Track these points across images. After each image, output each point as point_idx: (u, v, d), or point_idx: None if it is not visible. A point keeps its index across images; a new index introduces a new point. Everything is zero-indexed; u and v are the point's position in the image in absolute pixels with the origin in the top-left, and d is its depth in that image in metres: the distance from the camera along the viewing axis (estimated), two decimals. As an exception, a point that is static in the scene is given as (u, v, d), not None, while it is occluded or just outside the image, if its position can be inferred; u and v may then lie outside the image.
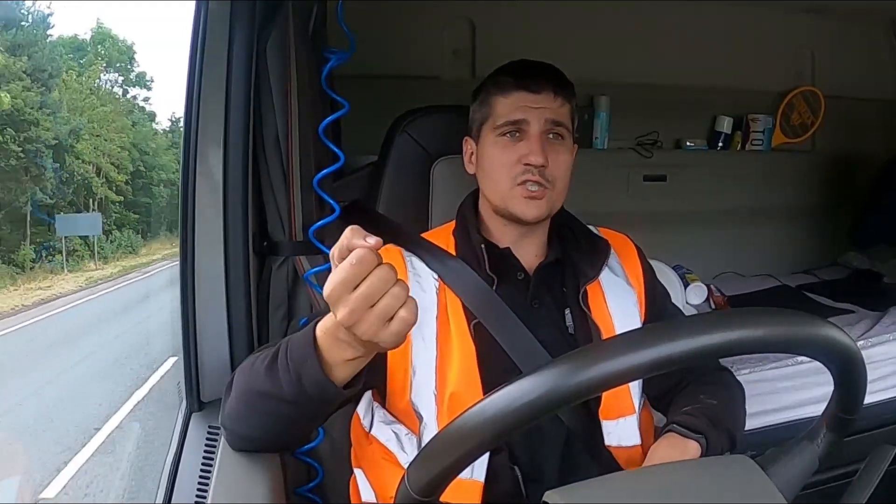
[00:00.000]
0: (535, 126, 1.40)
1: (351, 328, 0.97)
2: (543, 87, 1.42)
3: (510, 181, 1.40)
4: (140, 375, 8.85)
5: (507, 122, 1.42)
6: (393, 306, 0.95)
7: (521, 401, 0.76)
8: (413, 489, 0.82)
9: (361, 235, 0.95)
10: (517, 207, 1.40)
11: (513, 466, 1.33)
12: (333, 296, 0.96)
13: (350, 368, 1.09)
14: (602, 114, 2.93)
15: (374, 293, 0.94)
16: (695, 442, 1.30)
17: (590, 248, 1.50)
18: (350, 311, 0.95)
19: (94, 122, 19.48)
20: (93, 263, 17.24)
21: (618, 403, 1.39)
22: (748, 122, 3.19)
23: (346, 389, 1.11)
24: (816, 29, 3.14)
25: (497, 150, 1.43)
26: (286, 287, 1.71)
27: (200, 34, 1.47)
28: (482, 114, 1.48)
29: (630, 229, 1.61)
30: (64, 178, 17.32)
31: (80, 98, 19.31)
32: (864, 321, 2.45)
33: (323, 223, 1.67)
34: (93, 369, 9.51)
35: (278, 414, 1.17)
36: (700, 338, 0.76)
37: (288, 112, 1.62)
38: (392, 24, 2.51)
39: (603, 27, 2.81)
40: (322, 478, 1.70)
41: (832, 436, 0.97)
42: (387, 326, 0.96)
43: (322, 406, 1.14)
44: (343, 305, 0.95)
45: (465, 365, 1.32)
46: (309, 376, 1.09)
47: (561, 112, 1.43)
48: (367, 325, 0.96)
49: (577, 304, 1.43)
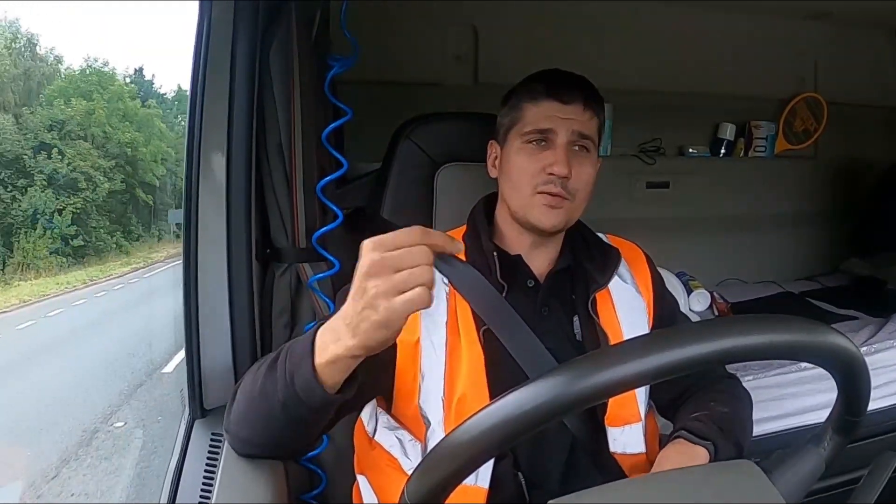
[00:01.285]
0: (562, 136, 1.40)
1: (366, 278, 0.99)
2: (574, 98, 1.42)
3: (531, 189, 1.40)
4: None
5: (534, 129, 1.42)
6: (416, 276, 0.99)
7: (524, 409, 0.76)
8: (414, 499, 0.82)
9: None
10: (535, 215, 1.40)
11: (517, 473, 1.33)
12: (372, 244, 1.01)
13: (334, 372, 1.09)
14: (605, 121, 2.92)
15: (406, 257, 0.99)
16: (703, 448, 1.29)
17: (600, 256, 1.50)
18: (378, 259, 0.99)
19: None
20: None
21: (623, 411, 1.38)
22: (751, 129, 3.19)
23: (336, 395, 1.11)
24: (819, 36, 3.14)
25: (522, 157, 1.43)
26: (289, 294, 1.71)
27: (204, 40, 1.47)
28: (511, 119, 1.47)
29: (633, 236, 1.61)
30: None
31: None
32: (868, 328, 2.45)
33: (326, 230, 1.67)
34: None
35: (272, 417, 1.17)
36: (704, 344, 0.76)
37: (291, 118, 1.62)
38: (395, 30, 2.51)
39: (605, 34, 2.81)
40: (325, 484, 1.70)
41: (838, 439, 0.97)
42: (392, 298, 0.99)
43: (310, 412, 1.13)
44: (374, 254, 0.99)
45: (473, 371, 1.31)
46: (300, 376, 1.10)
47: (589, 125, 1.43)
48: (381, 282, 0.98)
49: (586, 311, 1.43)
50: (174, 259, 15.00)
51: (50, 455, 6.26)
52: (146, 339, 9.96)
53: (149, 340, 9.84)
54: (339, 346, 1.06)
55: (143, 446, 6.56)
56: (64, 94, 16.07)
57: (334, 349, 1.06)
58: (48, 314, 12.18)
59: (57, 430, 6.85)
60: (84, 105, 15.85)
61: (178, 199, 18.85)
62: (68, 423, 7.04)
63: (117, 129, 16.38)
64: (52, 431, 6.83)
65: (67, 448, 6.47)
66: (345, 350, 1.05)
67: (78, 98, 15.97)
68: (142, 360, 9.37)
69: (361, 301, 1.01)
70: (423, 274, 0.99)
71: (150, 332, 10.30)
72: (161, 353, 9.27)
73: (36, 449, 6.39)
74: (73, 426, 6.99)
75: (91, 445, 6.59)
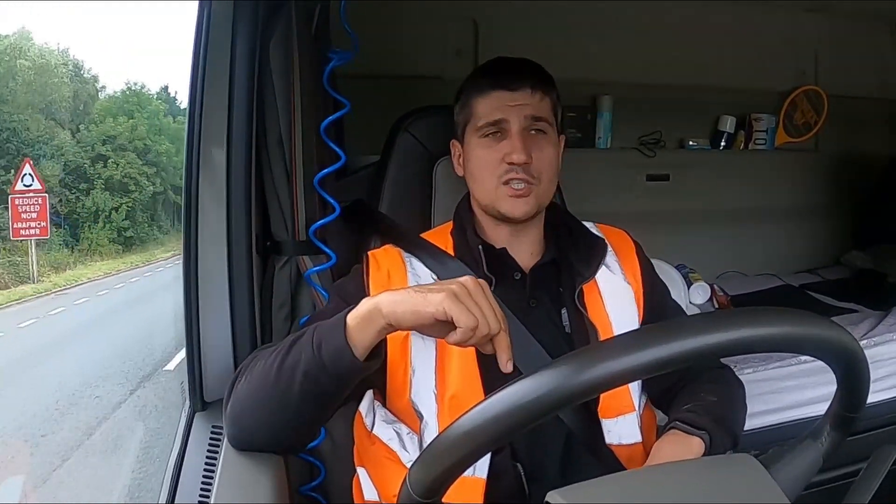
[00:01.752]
0: (516, 124, 1.41)
1: (448, 296, 1.07)
2: (520, 84, 1.42)
3: (495, 180, 1.41)
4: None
5: (487, 122, 1.42)
6: (488, 326, 1.09)
7: (521, 403, 0.76)
8: (415, 491, 0.82)
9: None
10: (504, 206, 1.41)
11: (515, 464, 1.33)
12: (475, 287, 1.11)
13: (369, 332, 1.12)
14: (605, 114, 2.93)
15: (484, 315, 1.09)
16: (698, 438, 1.29)
17: (586, 247, 1.49)
18: (462, 302, 1.08)
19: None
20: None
21: (616, 402, 1.38)
22: (751, 122, 3.19)
23: (363, 362, 1.13)
24: (820, 28, 3.14)
25: (480, 150, 1.44)
26: (289, 287, 1.71)
27: (203, 34, 1.47)
28: (464, 116, 1.48)
29: (633, 229, 1.61)
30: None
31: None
32: (868, 320, 2.46)
33: (323, 222, 1.67)
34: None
35: (286, 393, 1.17)
36: (702, 337, 0.76)
37: (291, 112, 1.62)
38: (395, 23, 2.51)
39: (606, 27, 2.81)
40: (325, 477, 1.71)
41: (836, 434, 0.97)
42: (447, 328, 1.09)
43: (332, 382, 1.14)
44: (467, 298, 1.09)
45: (464, 365, 1.32)
46: (329, 343, 1.12)
47: (541, 107, 1.43)
48: (473, 305, 1.08)
49: (574, 303, 1.43)
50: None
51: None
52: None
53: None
54: (375, 331, 1.12)
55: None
56: (110, 113, 18.63)
57: (371, 303, 1.12)
58: (116, 286, 13.99)
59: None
60: (129, 122, 18.16)
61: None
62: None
63: (155, 142, 18.40)
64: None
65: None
66: (378, 331, 1.12)
67: (123, 116, 18.21)
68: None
69: (444, 289, 1.09)
70: (495, 325, 1.09)
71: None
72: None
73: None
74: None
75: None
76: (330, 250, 1.68)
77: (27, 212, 12.29)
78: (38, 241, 12.67)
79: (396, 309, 1.09)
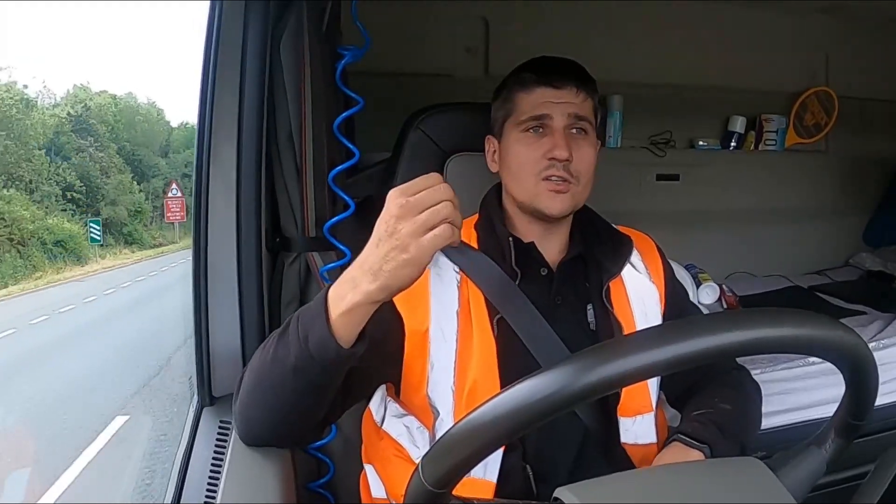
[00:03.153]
0: (559, 121, 1.40)
1: (397, 221, 1.05)
2: (566, 82, 1.41)
3: (535, 176, 1.40)
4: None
5: (530, 117, 1.41)
6: (440, 213, 1.06)
7: (539, 396, 0.76)
8: (427, 480, 0.83)
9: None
10: (543, 203, 1.40)
11: (525, 465, 1.32)
12: (397, 192, 1.07)
13: (349, 324, 1.11)
14: (615, 113, 2.92)
15: (431, 196, 1.06)
16: (698, 452, 1.29)
17: (612, 244, 1.49)
18: (405, 202, 1.05)
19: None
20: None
21: (636, 401, 1.39)
22: (761, 123, 3.18)
23: (349, 349, 1.12)
24: (830, 29, 3.12)
25: (521, 145, 1.42)
26: (298, 283, 1.71)
27: (215, 30, 1.47)
28: (505, 111, 1.47)
29: (642, 228, 1.60)
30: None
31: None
32: (877, 322, 2.44)
33: (338, 219, 1.68)
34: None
35: (283, 387, 1.17)
36: (714, 337, 0.76)
37: (301, 108, 1.63)
38: (406, 21, 2.51)
39: (616, 26, 2.81)
40: (333, 473, 1.71)
41: (840, 441, 0.97)
42: (420, 237, 1.05)
43: (323, 373, 1.14)
44: (400, 199, 1.06)
45: (485, 361, 1.31)
46: (314, 334, 1.11)
47: (584, 107, 1.43)
48: (410, 223, 1.05)
49: (600, 300, 1.42)
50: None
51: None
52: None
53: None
54: (358, 293, 1.08)
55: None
56: (185, 142, 25.77)
57: (352, 297, 1.09)
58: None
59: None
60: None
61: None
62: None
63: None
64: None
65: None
66: (364, 296, 1.08)
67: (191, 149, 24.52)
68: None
69: (388, 243, 1.06)
70: (447, 209, 1.06)
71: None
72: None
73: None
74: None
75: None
76: (343, 247, 1.69)
77: (173, 208, 26.35)
78: (179, 223, 27.01)
79: (370, 288, 1.08)
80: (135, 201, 29.71)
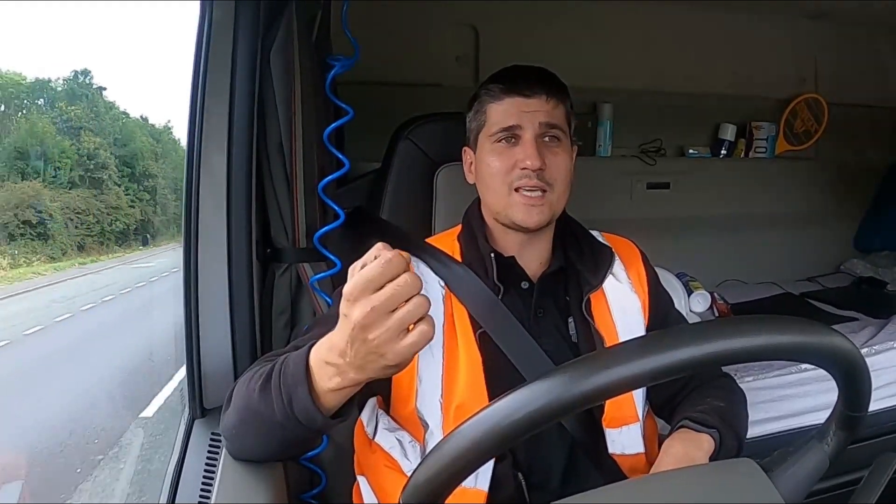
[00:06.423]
0: (530, 130, 1.40)
1: (365, 331, 0.94)
2: (535, 91, 1.41)
3: (508, 187, 1.40)
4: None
5: (500, 128, 1.41)
6: (414, 315, 0.93)
7: (521, 412, 0.76)
8: (417, 494, 0.82)
9: (390, 248, 0.94)
10: (517, 215, 1.39)
11: (516, 474, 1.32)
12: (355, 292, 0.93)
13: (337, 398, 1.08)
14: (605, 122, 2.93)
15: (398, 295, 0.92)
16: (708, 435, 1.28)
17: (593, 256, 1.49)
18: (370, 310, 0.92)
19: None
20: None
21: (621, 412, 1.38)
22: (751, 130, 3.19)
23: (334, 419, 1.10)
24: (820, 36, 3.14)
25: (493, 156, 1.42)
26: (289, 294, 1.71)
27: (205, 40, 1.46)
28: (477, 123, 1.47)
29: (633, 237, 1.60)
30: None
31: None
32: (868, 328, 2.45)
33: (328, 229, 1.67)
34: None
35: (271, 434, 1.16)
36: (703, 346, 0.76)
37: (291, 118, 1.62)
38: (395, 31, 2.51)
39: (606, 35, 2.82)
40: (325, 485, 1.70)
41: (842, 434, 0.96)
42: (401, 337, 0.94)
43: (311, 433, 1.12)
44: (363, 304, 0.92)
45: (471, 375, 1.31)
46: (298, 401, 1.07)
47: (555, 114, 1.42)
48: (383, 331, 0.93)
49: (581, 312, 1.42)
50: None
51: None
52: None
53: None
54: (345, 380, 1.03)
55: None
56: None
57: (339, 381, 1.04)
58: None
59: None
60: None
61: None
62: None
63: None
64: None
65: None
66: (350, 381, 1.03)
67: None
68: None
69: (363, 347, 0.96)
70: (420, 306, 0.94)
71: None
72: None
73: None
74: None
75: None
76: (333, 257, 1.68)
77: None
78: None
79: (360, 377, 1.03)
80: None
